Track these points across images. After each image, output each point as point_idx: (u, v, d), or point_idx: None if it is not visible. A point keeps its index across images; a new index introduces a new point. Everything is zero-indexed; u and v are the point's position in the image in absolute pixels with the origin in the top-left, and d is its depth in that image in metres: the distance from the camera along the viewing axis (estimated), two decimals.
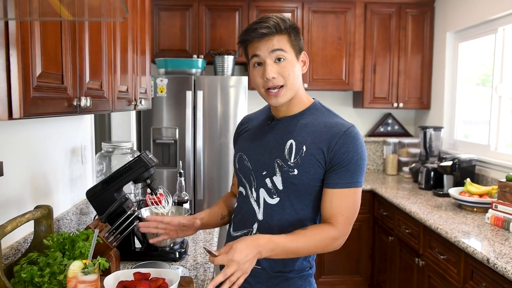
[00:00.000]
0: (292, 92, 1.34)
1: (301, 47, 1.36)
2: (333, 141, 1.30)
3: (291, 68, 1.31)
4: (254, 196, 1.41)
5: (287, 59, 1.30)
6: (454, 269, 2.28)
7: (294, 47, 1.32)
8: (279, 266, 1.37)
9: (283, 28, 1.30)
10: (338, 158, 1.29)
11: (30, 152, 1.67)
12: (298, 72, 1.35)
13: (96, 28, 1.47)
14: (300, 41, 1.35)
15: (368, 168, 4.36)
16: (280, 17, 1.32)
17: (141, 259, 1.78)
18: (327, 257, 3.63)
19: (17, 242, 1.53)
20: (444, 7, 3.79)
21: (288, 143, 1.35)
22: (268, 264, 1.37)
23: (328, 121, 1.35)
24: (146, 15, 2.26)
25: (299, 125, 1.36)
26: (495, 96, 3.18)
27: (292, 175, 1.32)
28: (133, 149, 2.36)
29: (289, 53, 1.31)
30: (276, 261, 1.35)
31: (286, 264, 1.36)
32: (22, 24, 0.96)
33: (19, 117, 0.96)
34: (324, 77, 3.88)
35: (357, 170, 1.30)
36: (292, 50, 1.32)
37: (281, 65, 1.30)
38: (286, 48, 1.30)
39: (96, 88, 1.47)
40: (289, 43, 1.31)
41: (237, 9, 3.78)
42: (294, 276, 1.38)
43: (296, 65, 1.33)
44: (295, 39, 1.33)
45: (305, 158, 1.31)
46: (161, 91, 3.34)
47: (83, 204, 2.16)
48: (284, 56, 1.30)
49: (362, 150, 1.31)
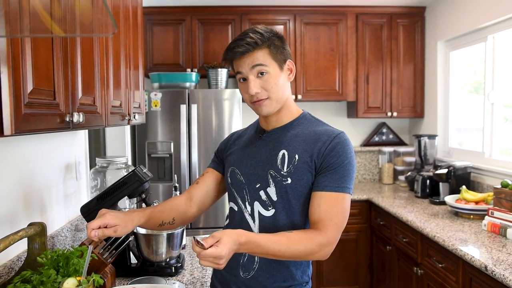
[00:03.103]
0: (279, 103, 1.35)
1: (286, 57, 1.36)
2: (323, 146, 1.30)
3: (274, 81, 1.32)
4: (248, 210, 1.39)
5: (269, 73, 1.32)
6: (452, 277, 2.27)
7: (276, 58, 1.33)
8: (278, 281, 1.35)
9: (261, 43, 1.31)
10: (327, 162, 1.29)
11: (23, 168, 1.66)
12: (283, 83, 1.35)
13: (88, 43, 1.47)
14: (283, 50, 1.35)
15: (364, 177, 4.36)
16: (258, 30, 1.32)
17: (137, 274, 1.76)
18: (325, 268, 3.61)
19: (11, 261, 1.51)
20: (435, 16, 3.84)
21: (280, 154, 1.35)
22: (263, 279, 1.35)
23: (318, 129, 1.37)
24: (139, 30, 2.27)
25: (289, 135, 1.37)
26: (487, 103, 3.21)
27: (285, 184, 1.32)
28: (127, 164, 2.35)
29: (270, 66, 1.32)
30: (276, 275, 1.35)
31: (286, 279, 1.36)
32: (13, 41, 0.96)
33: (11, 134, 0.95)
34: (318, 88, 3.90)
35: (346, 175, 1.29)
36: (274, 62, 1.32)
37: (264, 79, 1.32)
38: (267, 62, 1.31)
39: (89, 103, 1.47)
40: (270, 56, 1.32)
41: (230, 23, 3.81)
42: None
43: (280, 76, 1.34)
44: (276, 51, 1.33)
45: (298, 166, 1.31)
46: (155, 105, 3.34)
47: (78, 221, 2.15)
48: (266, 70, 1.31)
49: (352, 156, 1.31)
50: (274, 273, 1.35)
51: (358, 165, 4.32)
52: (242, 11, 3.80)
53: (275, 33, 1.35)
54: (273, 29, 1.36)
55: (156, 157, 3.39)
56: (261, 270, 1.36)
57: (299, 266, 1.38)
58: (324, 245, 1.26)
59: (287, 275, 1.35)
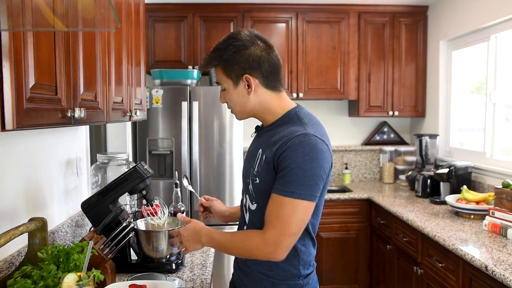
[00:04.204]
0: (244, 113, 1.43)
1: (240, 73, 1.36)
2: (280, 147, 1.29)
3: (229, 96, 1.41)
4: (244, 201, 1.49)
5: (226, 89, 1.40)
6: (452, 277, 2.27)
7: (229, 76, 1.37)
8: (264, 269, 1.40)
9: (214, 63, 1.39)
10: (280, 163, 1.28)
11: (24, 164, 1.66)
12: (239, 97, 1.39)
13: (90, 39, 1.47)
14: (237, 67, 1.35)
15: (365, 176, 4.36)
16: (217, 46, 1.38)
17: (137, 271, 1.77)
18: (325, 267, 3.61)
19: (11, 256, 1.51)
20: (437, 16, 3.83)
21: (259, 152, 1.40)
22: (255, 266, 1.41)
23: (288, 129, 1.34)
24: (141, 26, 2.27)
25: (268, 135, 1.40)
26: (489, 103, 3.20)
27: (255, 184, 1.38)
28: (128, 160, 2.35)
29: (225, 83, 1.39)
30: (261, 263, 1.39)
31: (271, 267, 1.39)
32: (15, 36, 0.96)
33: (12, 129, 0.95)
34: (319, 87, 3.89)
35: (294, 180, 1.24)
36: (228, 79, 1.38)
37: (224, 93, 1.42)
38: (223, 79, 1.40)
39: (91, 99, 1.47)
40: (224, 74, 1.38)
41: (232, 20, 3.80)
42: (280, 282, 1.38)
43: (234, 92, 1.39)
44: (230, 68, 1.36)
45: (263, 166, 1.34)
46: (156, 102, 3.34)
47: (79, 216, 2.15)
48: (223, 86, 1.41)
49: (304, 160, 1.24)
50: (260, 260, 1.38)
51: (359, 164, 4.32)
52: (244, 9, 3.79)
53: (231, 47, 1.35)
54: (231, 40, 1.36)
55: (157, 153, 3.39)
56: None
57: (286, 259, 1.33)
58: (263, 247, 1.28)
59: (272, 264, 1.37)
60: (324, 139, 1.32)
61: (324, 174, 1.28)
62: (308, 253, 1.41)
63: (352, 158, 4.32)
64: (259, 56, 1.35)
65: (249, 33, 1.38)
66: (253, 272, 1.42)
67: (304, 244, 1.39)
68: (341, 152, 4.29)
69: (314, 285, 1.46)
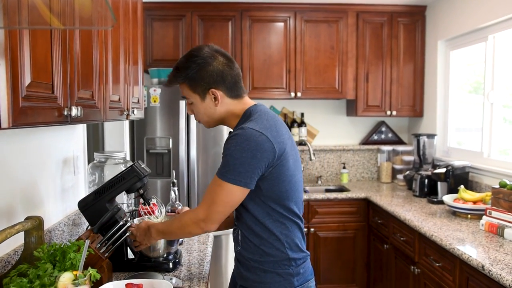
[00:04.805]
0: (211, 123, 1.56)
1: (206, 88, 1.47)
2: (226, 142, 1.45)
3: (197, 109, 1.53)
4: None
5: (193, 103, 1.52)
6: (449, 277, 2.27)
7: (195, 91, 1.49)
8: (256, 257, 1.50)
9: (180, 81, 1.50)
10: (222, 154, 1.44)
11: (21, 162, 1.66)
12: (208, 108, 1.51)
13: (87, 37, 1.47)
14: (201, 83, 1.47)
15: (362, 176, 4.36)
16: (179, 66, 1.49)
17: (134, 270, 1.76)
18: (322, 266, 3.61)
19: (7, 254, 1.50)
20: (435, 15, 3.83)
21: None
22: (249, 255, 1.51)
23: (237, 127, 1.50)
24: (139, 25, 2.26)
25: None
26: (487, 103, 3.21)
27: None
28: (126, 159, 2.35)
29: (192, 98, 1.51)
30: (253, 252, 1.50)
31: (261, 255, 1.49)
32: (11, 34, 0.95)
33: (8, 127, 0.95)
34: (317, 86, 3.89)
35: (225, 165, 1.40)
36: (195, 94, 1.50)
37: (191, 107, 1.55)
38: (189, 95, 1.51)
39: (87, 97, 1.47)
40: (190, 90, 1.50)
41: (230, 19, 3.80)
42: (271, 270, 1.48)
43: (202, 105, 1.51)
44: (195, 84, 1.47)
45: None
46: (154, 101, 3.33)
47: (76, 215, 2.14)
48: (190, 101, 1.53)
49: (235, 149, 1.38)
50: (251, 249, 1.50)
51: (357, 164, 4.32)
52: (242, 8, 3.79)
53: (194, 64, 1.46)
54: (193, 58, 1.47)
55: (155, 152, 3.38)
56: (243, 245, 1.53)
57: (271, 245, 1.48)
58: (194, 219, 1.46)
59: (262, 252, 1.49)
60: (265, 132, 1.41)
61: (258, 161, 1.38)
62: (293, 236, 1.50)
63: (350, 158, 4.32)
64: (222, 71, 1.47)
65: (209, 49, 1.50)
66: (247, 262, 1.52)
67: (286, 227, 1.49)
68: (339, 151, 4.29)
69: (307, 277, 1.53)
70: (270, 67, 3.84)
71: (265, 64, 3.84)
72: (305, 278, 1.52)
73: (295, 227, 1.52)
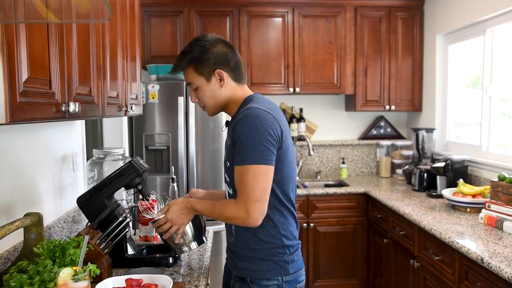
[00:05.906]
0: (216, 108, 1.57)
1: (213, 67, 1.51)
2: (234, 126, 1.45)
3: (203, 93, 1.54)
4: (225, 189, 1.65)
5: (199, 87, 1.54)
6: (449, 270, 2.28)
7: (201, 73, 1.51)
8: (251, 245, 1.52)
9: (184, 65, 1.52)
10: (234, 139, 1.43)
11: (19, 159, 1.66)
12: (214, 90, 1.53)
13: (84, 33, 1.46)
14: (207, 63, 1.50)
15: (362, 171, 4.36)
16: (184, 50, 1.52)
17: (134, 265, 1.76)
18: (322, 261, 3.62)
19: (7, 251, 1.51)
20: (433, 9, 3.82)
21: (227, 140, 1.57)
22: (243, 244, 1.54)
23: (241, 110, 1.49)
24: (136, 21, 2.26)
25: (232, 123, 1.51)
26: (485, 97, 3.21)
27: (227, 167, 1.55)
28: (124, 155, 2.34)
29: (198, 81, 1.53)
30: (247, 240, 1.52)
31: (257, 242, 1.51)
32: (8, 29, 0.95)
33: (5, 123, 0.95)
34: (316, 81, 3.89)
35: (244, 149, 1.39)
36: (200, 76, 1.52)
37: (197, 92, 1.56)
38: (195, 79, 1.53)
39: (85, 93, 1.46)
40: (196, 73, 1.52)
41: (228, 15, 3.79)
42: (267, 258, 1.51)
43: (208, 88, 1.53)
44: (201, 66, 1.50)
45: (229, 149, 1.51)
46: (153, 97, 3.33)
47: (75, 212, 2.14)
48: (195, 85, 1.54)
49: (249, 129, 1.38)
50: (246, 238, 1.53)
51: (356, 158, 4.32)
52: (240, 3, 3.78)
53: (198, 47, 1.50)
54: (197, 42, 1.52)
55: (154, 149, 3.38)
56: (237, 235, 1.55)
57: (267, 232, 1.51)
58: (238, 214, 1.42)
59: (257, 240, 1.51)
60: (270, 111, 1.44)
61: (272, 138, 1.40)
62: (288, 224, 1.54)
63: (349, 153, 4.32)
64: (225, 53, 1.52)
65: (212, 36, 1.54)
66: (242, 251, 1.54)
67: (282, 215, 1.52)
68: (338, 146, 4.29)
69: (300, 265, 1.57)
70: (269, 62, 3.83)
71: (264, 59, 3.83)
72: (298, 266, 1.56)
73: (290, 215, 1.55)
